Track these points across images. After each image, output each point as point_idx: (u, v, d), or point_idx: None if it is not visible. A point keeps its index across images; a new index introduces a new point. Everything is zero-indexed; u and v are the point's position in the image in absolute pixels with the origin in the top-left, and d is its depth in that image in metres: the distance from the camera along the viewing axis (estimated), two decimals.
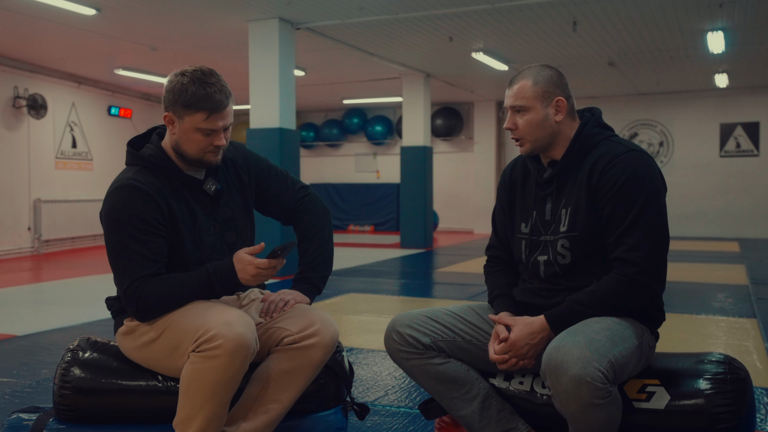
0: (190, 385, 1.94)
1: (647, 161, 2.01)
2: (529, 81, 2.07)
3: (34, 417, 2.16)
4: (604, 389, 1.75)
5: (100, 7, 7.16)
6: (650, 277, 1.94)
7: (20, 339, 4.66)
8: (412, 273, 8.40)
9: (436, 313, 2.19)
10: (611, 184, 1.97)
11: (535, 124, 2.06)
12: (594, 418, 1.77)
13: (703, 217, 13.36)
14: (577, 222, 2.03)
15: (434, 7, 7.25)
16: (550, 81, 2.07)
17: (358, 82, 12.16)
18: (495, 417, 2.10)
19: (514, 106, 2.09)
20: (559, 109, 2.07)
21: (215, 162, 2.14)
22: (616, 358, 1.82)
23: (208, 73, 2.07)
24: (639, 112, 13.71)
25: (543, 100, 2.06)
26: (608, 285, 1.95)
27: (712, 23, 7.94)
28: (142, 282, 2.00)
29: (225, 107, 2.07)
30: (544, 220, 2.11)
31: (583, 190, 2.02)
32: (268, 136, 7.73)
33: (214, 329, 1.91)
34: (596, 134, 2.09)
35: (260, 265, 2.03)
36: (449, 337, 2.14)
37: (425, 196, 11.35)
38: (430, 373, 2.12)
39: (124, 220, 2.02)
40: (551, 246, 2.08)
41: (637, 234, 1.94)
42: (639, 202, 1.94)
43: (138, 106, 13.04)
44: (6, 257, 10.15)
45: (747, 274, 7.77)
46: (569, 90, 2.11)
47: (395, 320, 2.18)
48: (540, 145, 2.09)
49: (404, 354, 2.13)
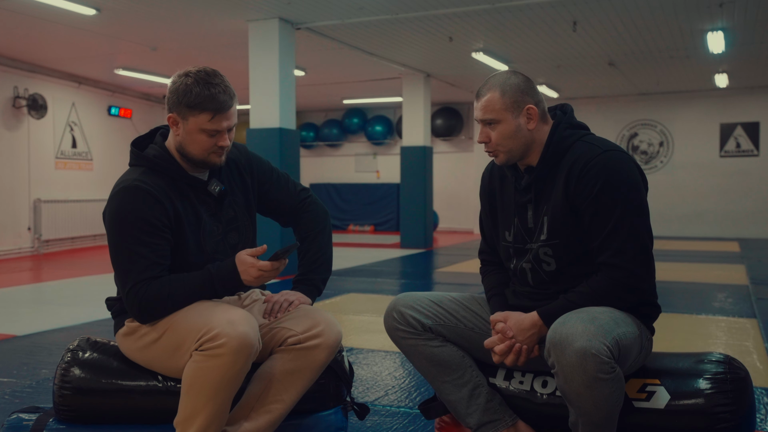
0: (192, 384, 1.94)
1: (622, 160, 1.98)
2: (496, 93, 2.03)
3: (34, 417, 2.16)
4: (609, 364, 1.75)
5: (100, 7, 7.16)
6: (638, 278, 1.95)
7: (20, 339, 4.66)
8: (412, 273, 8.40)
9: (440, 298, 2.21)
10: (588, 190, 1.95)
11: (508, 135, 2.03)
12: (598, 394, 1.76)
13: (703, 217, 13.36)
14: (556, 229, 2.02)
15: (434, 7, 7.25)
16: (518, 89, 2.03)
17: (358, 82, 12.16)
18: (482, 406, 2.11)
19: (485, 119, 2.05)
20: (530, 117, 2.04)
21: (219, 163, 2.14)
22: (620, 337, 1.83)
23: (212, 74, 2.07)
24: (639, 112, 13.71)
25: (513, 111, 2.02)
26: (598, 285, 1.96)
27: (712, 23, 7.94)
28: (145, 284, 2.00)
29: (229, 108, 2.07)
30: (527, 227, 2.10)
31: (560, 197, 2.00)
32: (268, 136, 7.73)
33: (217, 328, 1.91)
34: (569, 136, 2.05)
35: (263, 267, 2.04)
36: (451, 323, 2.16)
37: (425, 196, 11.35)
38: (425, 354, 2.14)
39: (129, 222, 2.02)
40: (534, 254, 2.07)
41: (621, 237, 1.93)
42: (619, 205, 1.93)
43: (138, 106, 13.04)
44: (6, 257, 10.15)
45: (747, 274, 7.77)
46: (539, 95, 2.07)
47: (398, 299, 2.20)
48: (515, 155, 2.06)
49: (402, 333, 2.16)
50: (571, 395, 1.81)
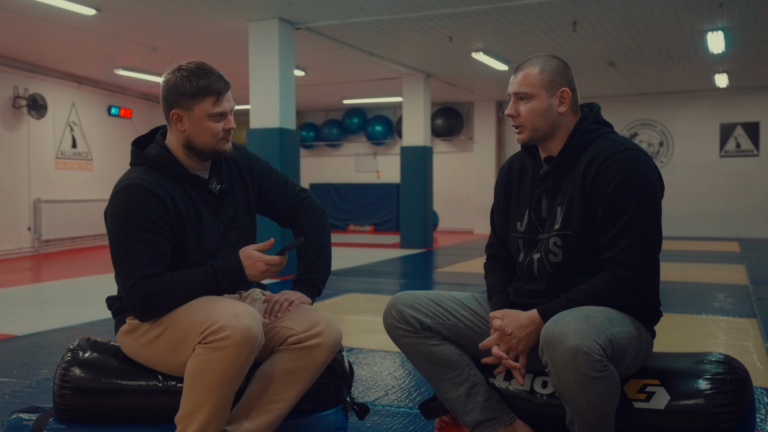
0: (195, 378, 1.94)
1: (643, 160, 1.98)
2: (535, 68, 2.05)
3: (34, 417, 2.16)
4: (601, 362, 1.75)
5: (100, 7, 7.16)
6: (643, 278, 1.94)
7: (20, 339, 4.66)
8: (412, 273, 8.40)
9: (439, 297, 2.21)
10: (605, 185, 1.95)
11: (538, 113, 2.05)
12: (591, 393, 1.76)
13: (703, 217, 13.36)
14: (571, 221, 2.02)
15: (434, 7, 7.25)
16: (557, 71, 2.06)
17: (358, 82, 12.16)
18: (480, 405, 2.11)
19: (518, 92, 2.07)
20: (563, 100, 2.06)
21: (227, 150, 2.18)
22: (614, 336, 1.82)
23: (202, 64, 2.16)
24: (639, 112, 13.71)
25: (548, 89, 2.05)
26: (601, 284, 1.95)
27: (712, 23, 7.95)
28: (146, 281, 2.00)
29: (228, 89, 2.16)
30: (540, 217, 2.11)
31: (577, 189, 2.01)
32: (268, 136, 7.73)
33: (221, 320, 1.91)
34: (594, 130, 2.07)
35: (270, 261, 2.08)
36: (450, 322, 2.16)
37: (425, 196, 11.35)
38: (423, 352, 2.14)
39: (131, 220, 2.02)
40: (544, 244, 2.08)
41: (631, 235, 1.93)
42: (633, 203, 1.93)
43: (138, 106, 13.04)
44: (6, 257, 10.15)
45: (747, 274, 7.77)
46: (575, 83, 2.09)
47: (397, 298, 2.20)
48: (539, 134, 2.08)
49: (400, 331, 2.16)
50: (565, 394, 1.81)
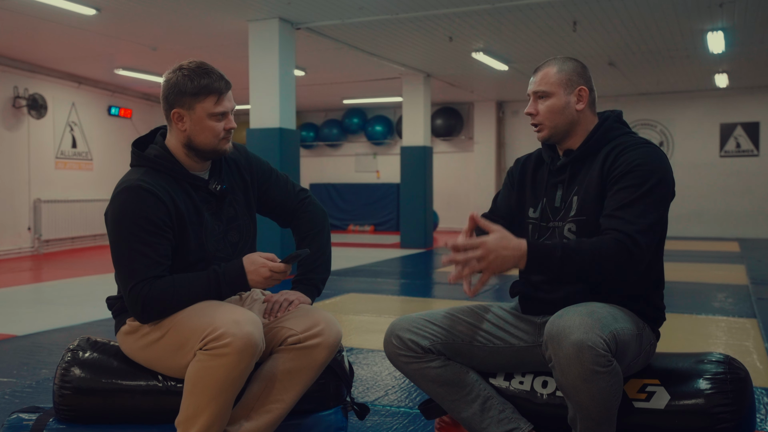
0: (196, 383, 1.94)
1: (663, 156, 2.04)
2: (554, 68, 2.12)
3: (34, 417, 2.16)
4: (605, 357, 1.75)
5: (100, 7, 7.16)
6: (640, 250, 1.89)
7: (20, 339, 4.66)
8: (412, 273, 8.40)
9: (434, 316, 2.19)
10: (620, 168, 1.99)
11: (556, 111, 2.09)
12: (595, 388, 1.76)
13: (703, 217, 13.36)
14: (586, 207, 2.04)
15: (434, 7, 7.25)
16: (575, 71, 2.12)
17: (358, 82, 12.16)
18: (496, 417, 2.10)
19: (537, 91, 2.12)
20: (581, 98, 2.10)
21: (228, 150, 2.18)
22: (618, 332, 1.83)
23: (202, 63, 2.16)
24: (639, 112, 13.70)
25: (566, 87, 2.10)
26: (600, 241, 1.90)
27: (712, 23, 7.94)
28: (147, 283, 2.00)
29: (229, 88, 2.16)
30: (553, 206, 2.13)
31: (595, 177, 2.04)
32: (268, 136, 7.73)
33: (222, 327, 1.91)
34: (616, 128, 2.12)
35: (275, 268, 2.07)
36: (448, 340, 2.14)
37: (425, 196, 11.35)
38: (430, 376, 2.12)
39: (132, 221, 2.02)
40: (558, 231, 2.09)
41: (635, 212, 1.92)
42: (645, 186, 1.95)
43: (138, 106, 13.04)
44: (6, 257, 10.15)
45: (747, 274, 7.77)
46: (592, 83, 2.15)
47: (394, 324, 2.19)
48: (558, 132, 2.12)
49: (404, 358, 2.13)
50: (568, 389, 1.80)
